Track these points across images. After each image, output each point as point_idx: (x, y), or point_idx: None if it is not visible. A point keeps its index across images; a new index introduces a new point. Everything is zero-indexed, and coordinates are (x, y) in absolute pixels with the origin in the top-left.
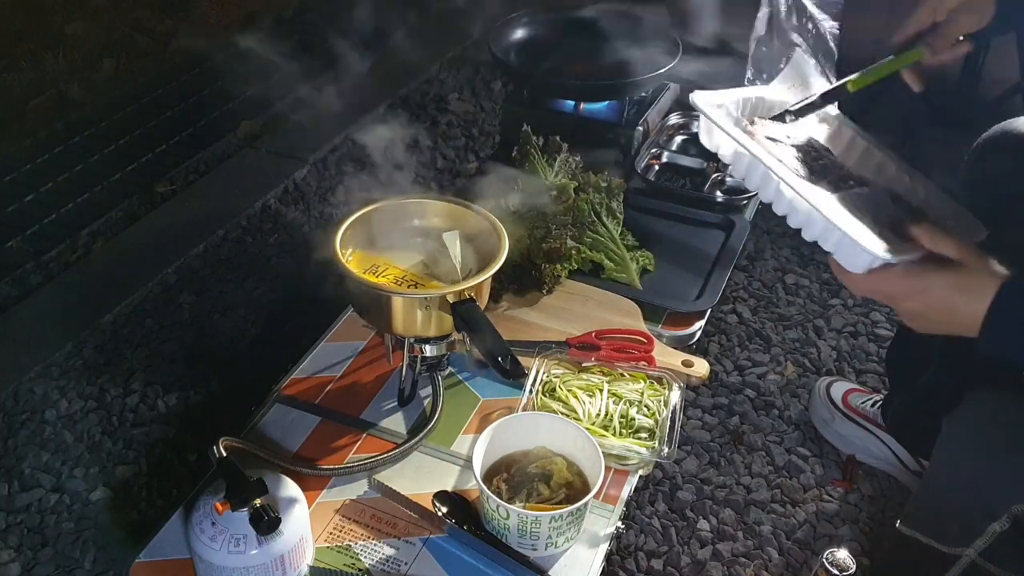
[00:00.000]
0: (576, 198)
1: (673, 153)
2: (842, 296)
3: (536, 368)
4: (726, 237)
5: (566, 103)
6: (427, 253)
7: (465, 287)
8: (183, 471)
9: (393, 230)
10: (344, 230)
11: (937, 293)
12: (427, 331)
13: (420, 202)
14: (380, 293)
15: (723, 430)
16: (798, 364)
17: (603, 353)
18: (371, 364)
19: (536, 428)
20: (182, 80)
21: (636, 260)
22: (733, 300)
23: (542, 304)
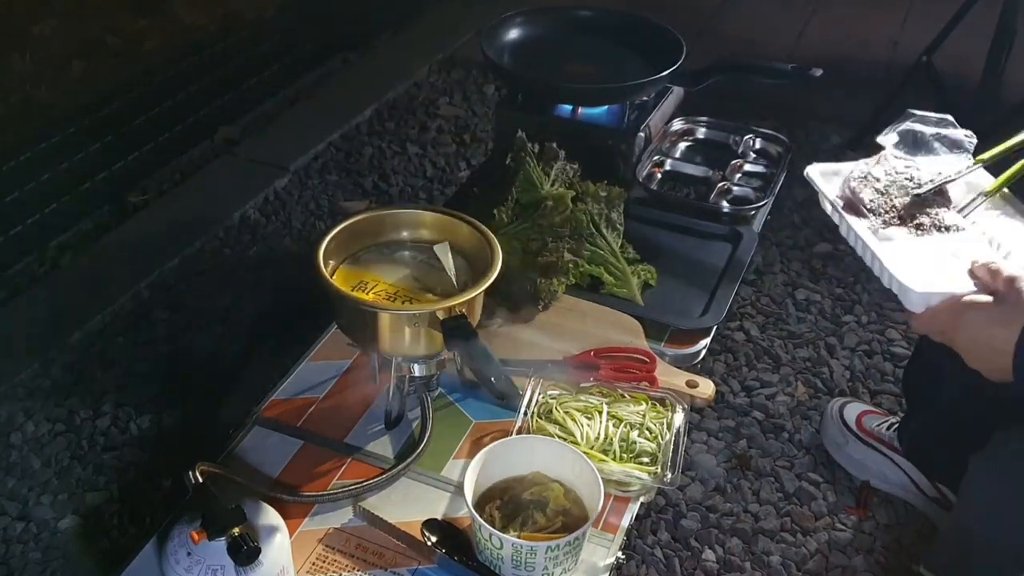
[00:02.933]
0: (574, 208)
1: (677, 161)
2: (855, 312)
3: (531, 389)
4: (733, 250)
5: (563, 108)
6: (416, 266)
7: (456, 303)
8: (156, 498)
9: (380, 242)
10: (328, 242)
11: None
12: (416, 350)
13: (408, 213)
14: (365, 309)
15: (730, 454)
16: (809, 384)
17: (602, 373)
18: (356, 385)
19: (531, 452)
20: (156, 83)
21: (637, 274)
22: (740, 317)
23: (538, 321)
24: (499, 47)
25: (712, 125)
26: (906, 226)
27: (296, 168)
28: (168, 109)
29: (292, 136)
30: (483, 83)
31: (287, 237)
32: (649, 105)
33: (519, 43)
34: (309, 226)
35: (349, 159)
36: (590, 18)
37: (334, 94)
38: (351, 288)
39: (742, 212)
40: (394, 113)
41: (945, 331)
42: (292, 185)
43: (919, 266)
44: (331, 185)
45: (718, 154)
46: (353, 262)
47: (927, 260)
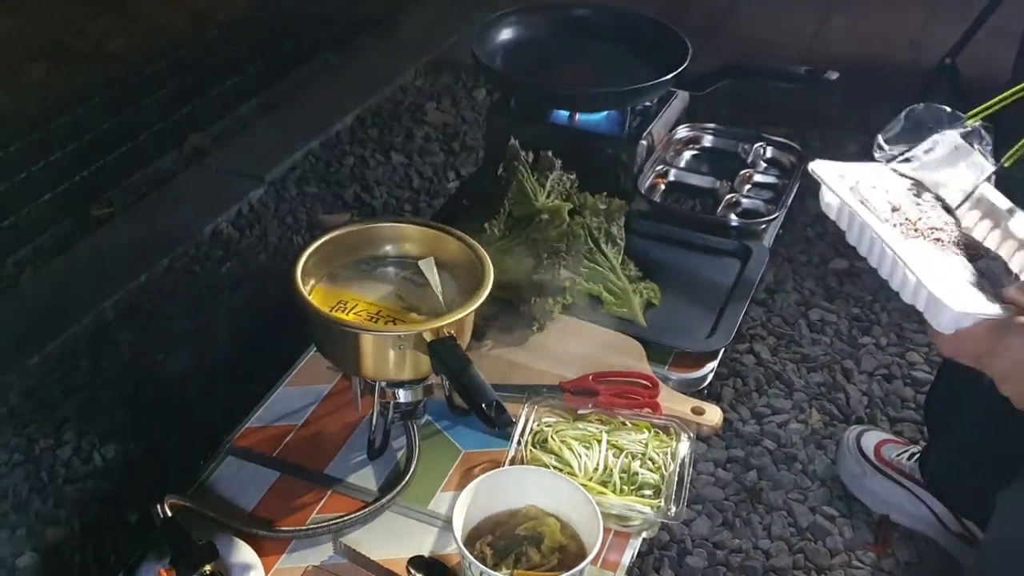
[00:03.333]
0: (571, 222)
1: (681, 171)
2: (874, 334)
3: (525, 416)
4: (742, 267)
5: (559, 114)
6: (401, 283)
7: (444, 323)
8: (122, 533)
9: (362, 258)
10: (306, 259)
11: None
12: (401, 373)
13: (393, 227)
14: (346, 330)
15: (738, 487)
16: (824, 411)
17: (602, 399)
18: (337, 411)
19: (525, 484)
20: (121, 87)
21: (639, 293)
22: (750, 338)
23: (532, 343)
24: (491, 48)
25: (720, 132)
26: (926, 239)
27: (272, 179)
28: (134, 115)
29: (268, 145)
30: (473, 87)
31: (262, 253)
32: (652, 111)
33: (512, 44)
34: (286, 241)
35: (329, 169)
36: (589, 17)
37: (313, 99)
38: (331, 307)
39: (752, 226)
40: (378, 119)
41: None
42: (268, 197)
43: (949, 282)
44: (310, 197)
45: (726, 164)
46: (333, 279)
47: (954, 276)
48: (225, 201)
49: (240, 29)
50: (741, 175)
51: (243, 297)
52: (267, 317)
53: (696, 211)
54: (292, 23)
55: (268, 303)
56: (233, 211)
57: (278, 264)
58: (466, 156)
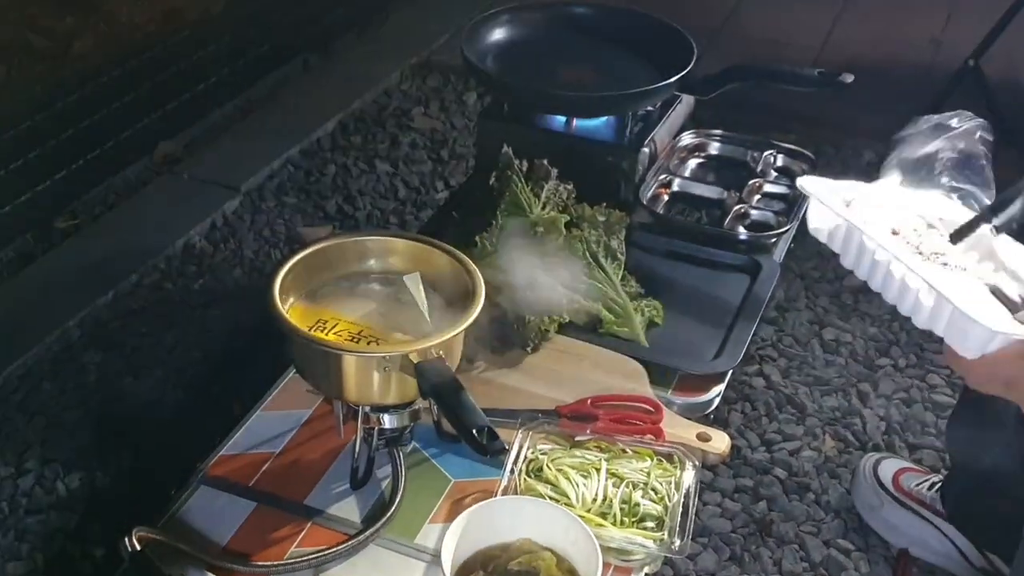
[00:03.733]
0: (568, 235)
1: (686, 180)
2: (892, 355)
3: (519, 443)
4: (751, 283)
5: (555, 119)
6: (385, 301)
7: (432, 344)
8: (88, 568)
9: (345, 274)
10: (285, 274)
11: None
12: (385, 397)
13: (377, 240)
14: (328, 351)
15: (747, 518)
16: (839, 438)
17: (601, 424)
18: (317, 438)
19: (519, 516)
20: (86, 91)
21: (641, 311)
22: (760, 360)
23: (526, 365)
24: (482, 49)
25: (727, 139)
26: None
27: (248, 189)
28: (100, 121)
29: (243, 152)
30: (463, 91)
31: (238, 268)
32: (655, 116)
33: (505, 44)
34: (263, 255)
35: (309, 178)
36: (587, 16)
37: (292, 103)
38: (310, 326)
39: (761, 239)
40: (361, 125)
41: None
42: (243, 208)
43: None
44: (288, 208)
45: (734, 173)
46: (313, 297)
47: (974, 296)
48: (198, 212)
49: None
50: (750, 185)
51: (217, 315)
52: (243, 337)
53: (702, 223)
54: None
55: (244, 322)
56: (206, 223)
57: (254, 280)
58: (456, 165)
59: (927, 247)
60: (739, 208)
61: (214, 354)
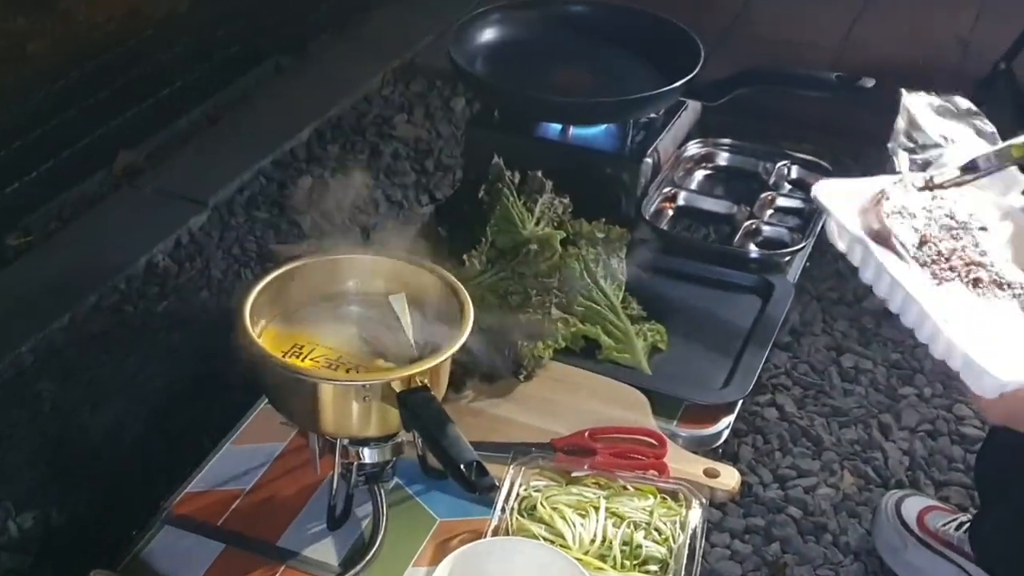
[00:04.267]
0: (564, 253)
1: (692, 193)
2: (916, 383)
3: (511, 479)
4: (763, 305)
5: (550, 127)
6: (366, 325)
7: (416, 371)
8: None
9: (321, 296)
10: (256, 296)
11: None
12: (365, 430)
13: (356, 259)
14: (303, 379)
15: (759, 561)
16: (858, 473)
17: (600, 459)
18: (292, 473)
19: (511, 559)
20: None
21: (643, 335)
22: (772, 389)
23: (519, 394)
24: (471, 51)
25: (737, 149)
26: (962, 281)
27: (216, 203)
28: (55, 129)
29: (211, 163)
30: (450, 96)
31: (205, 289)
32: (658, 124)
33: (496, 46)
34: (233, 275)
35: (283, 191)
36: (584, 15)
37: (263, 110)
38: (284, 352)
39: (774, 258)
40: (339, 134)
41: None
42: (211, 224)
43: (987, 337)
44: (260, 224)
45: (744, 185)
46: (287, 320)
47: (995, 328)
48: (161, 229)
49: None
50: (762, 199)
51: (183, 340)
52: (211, 364)
53: (710, 240)
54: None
55: (212, 347)
56: (171, 240)
57: (223, 302)
58: (442, 177)
59: (961, 258)
60: (750, 224)
61: (179, 382)
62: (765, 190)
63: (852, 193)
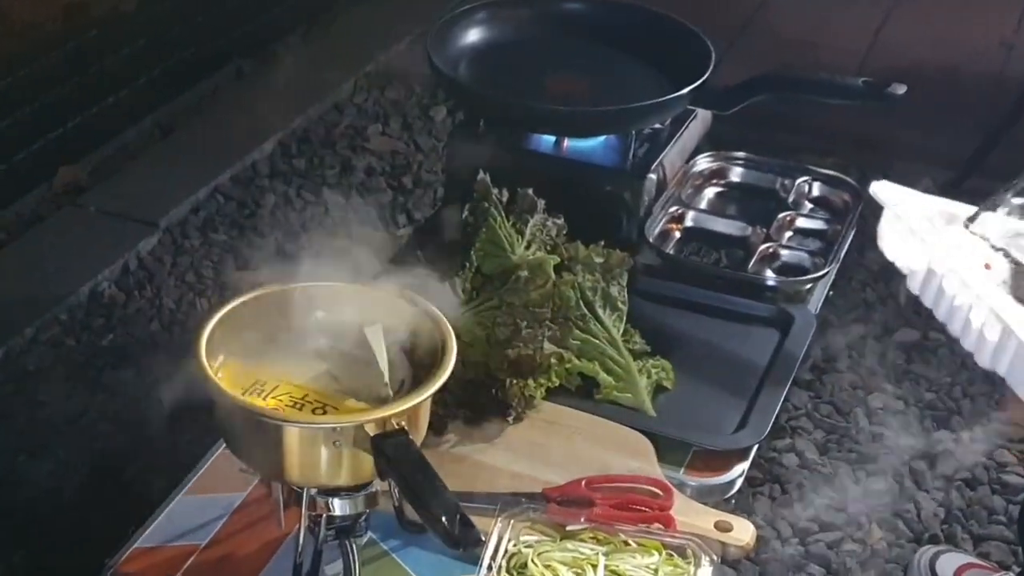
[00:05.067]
0: (558, 280)
1: (702, 213)
2: (953, 426)
3: (498, 533)
4: (781, 339)
5: (543, 139)
6: (336, 360)
7: (392, 412)
8: None
9: (286, 328)
10: (213, 328)
11: None
12: (336, 478)
13: (325, 286)
14: (264, 421)
15: None
16: (888, 527)
17: (598, 511)
18: (253, 527)
19: None
20: None
21: (647, 372)
22: (792, 432)
23: (507, 438)
24: (453, 54)
25: (752, 164)
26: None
27: (168, 224)
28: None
29: (162, 180)
30: (430, 105)
31: (156, 321)
32: (664, 136)
33: (481, 48)
34: (187, 305)
35: (243, 211)
36: (581, 13)
37: (222, 120)
38: (244, 391)
39: (794, 285)
40: (306, 147)
41: None
42: (163, 248)
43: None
44: (218, 248)
45: (760, 204)
46: (248, 355)
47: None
48: (107, 253)
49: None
50: (780, 219)
51: (130, 378)
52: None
53: (721, 266)
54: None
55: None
56: (117, 266)
57: (176, 336)
58: (421, 194)
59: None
60: (766, 247)
61: (127, 425)
62: (783, 210)
63: (917, 201)
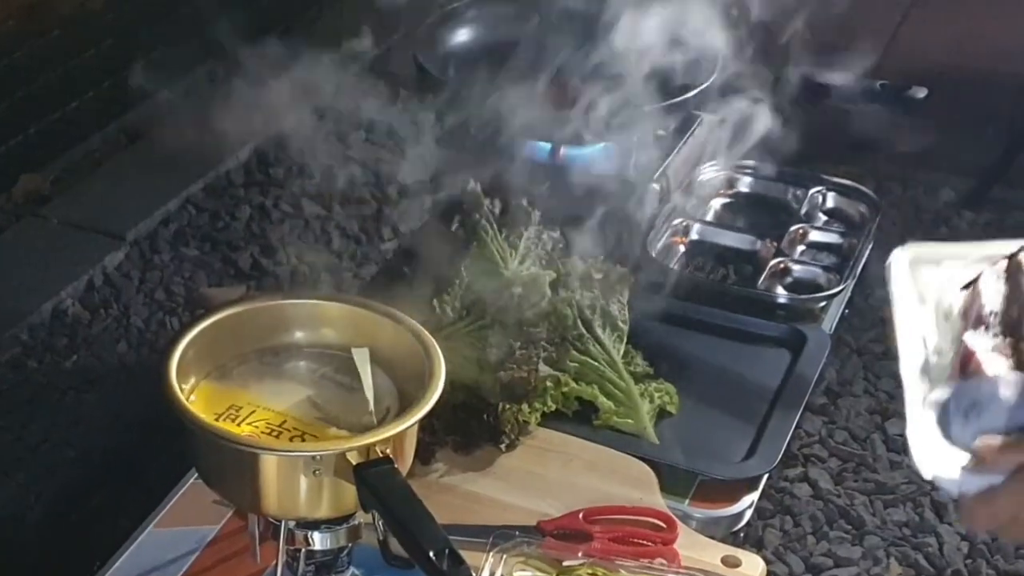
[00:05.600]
0: (554, 298)
1: (709, 226)
2: None
3: (490, 569)
4: (793, 360)
5: (538, 146)
6: (316, 384)
7: (377, 440)
8: None
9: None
10: (184, 349)
11: None
12: (315, 510)
13: (305, 304)
14: (240, 449)
15: None
16: (908, 562)
17: (597, 545)
18: (227, 562)
19: None
20: None
21: (649, 396)
22: (804, 461)
23: (500, 467)
24: (441, 53)
25: (762, 173)
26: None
27: (136, 237)
28: None
29: (129, 190)
30: (418, 109)
31: (123, 341)
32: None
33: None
34: (156, 324)
35: (216, 224)
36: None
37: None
38: (218, 416)
39: (807, 303)
40: (283, 155)
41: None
42: (130, 263)
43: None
44: (189, 263)
45: (771, 216)
46: (223, 377)
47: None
48: (71, 268)
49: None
50: (792, 232)
51: (96, 402)
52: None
53: (729, 282)
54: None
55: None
56: (82, 282)
57: (145, 356)
58: (407, 206)
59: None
60: (778, 263)
61: (92, 453)
62: (796, 222)
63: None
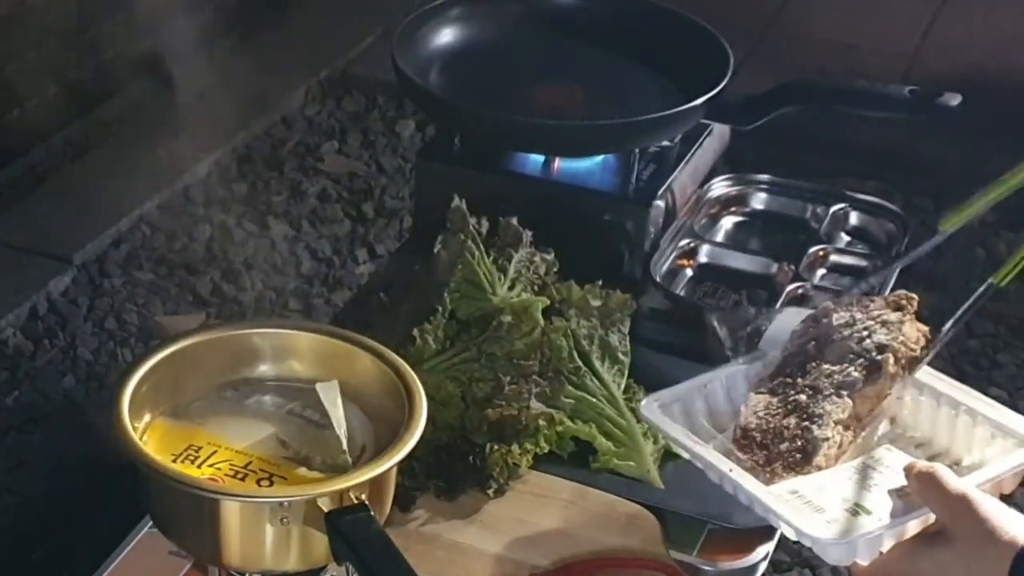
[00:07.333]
0: (547, 327)
1: (718, 247)
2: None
3: None
4: None
5: (530, 159)
6: (284, 421)
7: (351, 484)
8: None
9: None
10: (138, 383)
11: None
12: (283, 562)
13: (271, 334)
14: (199, 494)
15: None
16: None
17: None
18: None
19: None
20: None
21: (653, 436)
22: None
23: (487, 514)
24: (423, 57)
25: (777, 188)
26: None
27: (84, 260)
28: None
29: (77, 207)
30: (396, 118)
31: (70, 375)
32: (673, 155)
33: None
34: (107, 355)
35: (173, 245)
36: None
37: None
38: (175, 457)
39: None
40: (248, 168)
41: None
42: (78, 288)
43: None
44: (143, 288)
45: (788, 236)
46: (180, 414)
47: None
48: (12, 294)
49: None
50: (811, 254)
51: (39, 443)
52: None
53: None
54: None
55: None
56: (24, 310)
57: (94, 391)
58: (385, 225)
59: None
60: (795, 287)
61: (34, 499)
62: (815, 243)
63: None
